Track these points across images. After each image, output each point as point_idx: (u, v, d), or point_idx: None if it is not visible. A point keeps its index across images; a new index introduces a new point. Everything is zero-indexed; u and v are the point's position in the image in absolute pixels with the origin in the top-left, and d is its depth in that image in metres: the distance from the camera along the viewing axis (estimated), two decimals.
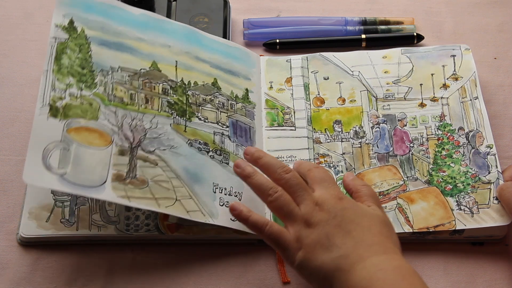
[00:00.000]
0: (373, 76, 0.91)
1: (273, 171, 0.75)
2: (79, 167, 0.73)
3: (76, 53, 0.79)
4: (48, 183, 0.71)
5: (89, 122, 0.76)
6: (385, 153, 0.85)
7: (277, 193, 0.73)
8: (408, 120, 0.87)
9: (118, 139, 0.77)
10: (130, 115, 0.79)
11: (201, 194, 0.79)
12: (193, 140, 0.82)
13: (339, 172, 0.84)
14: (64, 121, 0.75)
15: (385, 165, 0.84)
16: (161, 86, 0.84)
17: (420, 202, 0.81)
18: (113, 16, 0.84)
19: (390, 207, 0.81)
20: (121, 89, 0.81)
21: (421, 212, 0.80)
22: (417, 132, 0.86)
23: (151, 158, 0.78)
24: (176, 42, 0.88)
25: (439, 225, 0.79)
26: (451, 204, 0.80)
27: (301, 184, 0.74)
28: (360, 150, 0.86)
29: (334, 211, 0.70)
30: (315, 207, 0.71)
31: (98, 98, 0.78)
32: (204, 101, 0.86)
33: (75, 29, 0.81)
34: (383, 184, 0.82)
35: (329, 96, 0.90)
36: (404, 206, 0.81)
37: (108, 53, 0.82)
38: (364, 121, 0.88)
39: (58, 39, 0.79)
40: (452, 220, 0.79)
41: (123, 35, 0.84)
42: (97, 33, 0.82)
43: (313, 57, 0.93)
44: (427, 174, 0.83)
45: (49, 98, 0.75)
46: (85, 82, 0.79)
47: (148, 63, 0.84)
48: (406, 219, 0.79)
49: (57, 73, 0.77)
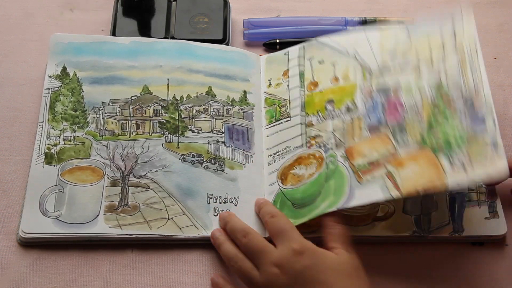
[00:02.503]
0: (369, 52, 0.87)
1: (234, 236, 0.76)
2: (73, 206, 0.79)
3: (69, 98, 0.85)
4: (45, 228, 0.77)
5: (82, 161, 0.82)
6: (377, 123, 0.82)
7: (236, 263, 0.73)
8: (403, 88, 0.83)
9: (109, 171, 0.81)
10: (121, 145, 0.83)
11: (195, 208, 0.80)
12: (186, 155, 0.83)
13: (329, 149, 0.82)
14: (58, 166, 0.81)
15: (376, 135, 0.81)
16: (152, 108, 0.86)
17: (410, 165, 0.77)
18: (104, 52, 0.89)
19: (377, 176, 0.77)
20: (112, 121, 0.84)
21: (410, 175, 0.76)
22: (413, 100, 0.82)
23: (143, 183, 0.81)
24: (168, 60, 0.90)
25: (430, 186, 0.74)
26: (443, 163, 0.76)
27: (258, 246, 0.73)
28: (351, 124, 0.83)
29: (295, 273, 0.70)
30: (274, 271, 0.70)
31: (91, 136, 0.83)
32: (198, 112, 0.87)
33: (68, 75, 0.87)
34: (372, 153, 0.80)
35: (323, 78, 0.88)
36: (393, 171, 0.77)
37: (100, 89, 0.86)
38: (357, 96, 0.85)
39: (52, 89, 0.85)
40: (444, 180, 0.74)
41: (114, 68, 0.88)
42: (89, 73, 0.87)
43: (310, 45, 0.92)
44: (420, 138, 0.79)
45: (44, 147, 0.81)
46: (78, 124, 0.84)
47: (139, 89, 0.87)
48: (395, 185, 0.76)
49: (51, 121, 0.84)
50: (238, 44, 0.98)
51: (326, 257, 0.71)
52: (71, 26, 0.98)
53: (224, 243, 0.76)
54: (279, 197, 0.81)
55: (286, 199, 0.81)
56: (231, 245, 0.76)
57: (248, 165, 0.84)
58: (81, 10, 1.00)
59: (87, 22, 0.98)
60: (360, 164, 0.79)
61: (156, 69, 0.89)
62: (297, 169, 0.83)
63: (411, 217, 0.82)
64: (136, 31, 0.96)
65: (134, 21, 0.97)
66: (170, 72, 0.89)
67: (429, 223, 0.81)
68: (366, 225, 0.81)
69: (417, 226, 0.81)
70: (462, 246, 0.81)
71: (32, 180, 0.80)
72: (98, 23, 0.98)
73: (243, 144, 0.86)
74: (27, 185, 0.81)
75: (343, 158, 0.80)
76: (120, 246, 0.79)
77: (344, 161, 0.80)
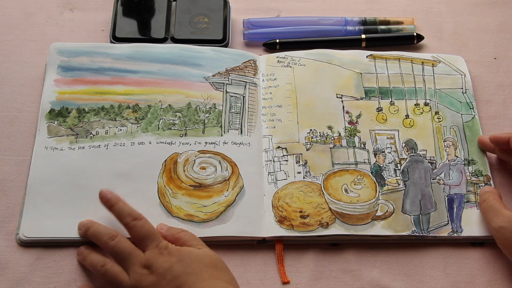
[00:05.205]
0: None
1: (99, 241, 0.75)
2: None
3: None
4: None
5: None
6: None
7: (103, 267, 0.73)
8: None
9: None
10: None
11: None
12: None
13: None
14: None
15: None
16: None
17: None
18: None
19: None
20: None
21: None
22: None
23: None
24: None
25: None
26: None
27: (126, 249, 0.73)
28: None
29: (163, 270, 0.70)
30: (143, 272, 0.71)
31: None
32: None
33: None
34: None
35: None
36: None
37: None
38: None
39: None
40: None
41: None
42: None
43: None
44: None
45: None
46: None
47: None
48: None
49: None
50: (238, 44, 0.98)
51: (191, 252, 0.72)
52: (71, 26, 0.98)
53: (89, 254, 0.76)
54: None
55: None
56: (97, 254, 0.76)
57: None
58: (81, 10, 1.00)
59: (87, 22, 0.98)
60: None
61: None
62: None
63: (410, 217, 0.82)
64: (136, 31, 0.96)
65: (134, 21, 0.97)
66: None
67: (428, 223, 0.81)
68: (365, 224, 0.81)
69: (416, 226, 0.81)
70: (462, 246, 0.81)
71: (32, 180, 0.81)
72: (98, 23, 0.98)
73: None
74: (27, 185, 0.81)
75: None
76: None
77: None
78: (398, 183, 0.85)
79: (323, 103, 0.90)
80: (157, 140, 0.85)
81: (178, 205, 0.80)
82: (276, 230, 0.80)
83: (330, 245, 0.81)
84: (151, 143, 0.85)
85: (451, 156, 0.87)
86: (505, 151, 0.84)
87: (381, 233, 0.80)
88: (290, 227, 0.80)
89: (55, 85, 0.88)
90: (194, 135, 0.86)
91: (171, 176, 0.82)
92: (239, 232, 0.79)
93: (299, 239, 0.80)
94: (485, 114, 0.92)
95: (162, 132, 0.86)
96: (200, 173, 0.83)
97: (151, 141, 0.85)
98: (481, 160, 0.87)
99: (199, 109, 0.88)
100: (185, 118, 0.87)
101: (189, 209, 0.80)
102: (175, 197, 0.81)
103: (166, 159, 0.84)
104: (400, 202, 0.83)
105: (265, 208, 0.82)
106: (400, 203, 0.83)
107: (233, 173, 0.83)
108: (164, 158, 0.84)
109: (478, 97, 0.93)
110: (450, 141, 0.88)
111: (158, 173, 0.83)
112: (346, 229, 0.80)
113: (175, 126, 0.86)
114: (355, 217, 0.81)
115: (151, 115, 0.87)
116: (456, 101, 0.92)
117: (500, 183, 0.86)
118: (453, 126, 0.89)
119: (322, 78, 0.92)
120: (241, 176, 0.83)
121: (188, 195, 0.81)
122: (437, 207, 0.83)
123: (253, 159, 0.85)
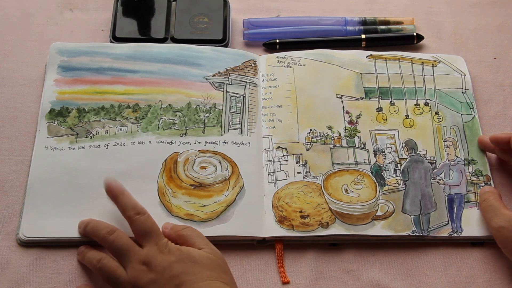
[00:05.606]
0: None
1: (97, 235, 0.75)
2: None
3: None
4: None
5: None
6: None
7: (100, 261, 0.73)
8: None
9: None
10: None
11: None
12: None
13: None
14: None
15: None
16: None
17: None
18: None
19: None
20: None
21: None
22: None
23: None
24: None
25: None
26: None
27: (124, 245, 0.73)
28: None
29: (162, 269, 0.70)
30: (142, 268, 0.71)
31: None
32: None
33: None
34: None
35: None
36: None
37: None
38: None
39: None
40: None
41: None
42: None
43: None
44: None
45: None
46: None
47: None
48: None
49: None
50: (238, 44, 0.98)
51: (191, 252, 0.72)
52: (71, 26, 0.98)
53: (88, 252, 0.76)
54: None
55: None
56: (95, 250, 0.75)
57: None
58: (81, 10, 1.00)
59: (87, 22, 0.98)
60: None
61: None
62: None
63: (410, 217, 0.82)
64: (136, 31, 0.96)
65: (134, 21, 0.97)
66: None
67: (428, 223, 0.81)
68: (365, 224, 0.81)
69: (416, 226, 0.81)
70: (462, 246, 0.81)
71: (32, 179, 0.81)
72: (98, 23, 0.98)
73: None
74: (27, 185, 0.81)
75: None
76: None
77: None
78: (398, 183, 0.85)
79: (323, 103, 0.90)
80: (157, 140, 0.85)
81: (178, 204, 0.80)
82: (276, 230, 0.80)
83: (330, 245, 0.81)
84: (151, 142, 0.85)
85: (451, 156, 0.87)
86: (505, 151, 0.84)
87: (381, 233, 0.80)
88: (290, 227, 0.80)
89: (55, 85, 0.88)
90: (194, 135, 0.86)
91: (171, 176, 0.82)
92: (239, 231, 0.79)
93: (299, 239, 0.80)
94: (485, 114, 0.92)
95: (162, 131, 0.86)
96: (200, 173, 0.83)
97: (151, 140, 0.85)
98: (481, 160, 0.87)
99: (199, 108, 0.88)
100: (185, 118, 0.87)
101: (189, 208, 0.80)
102: (175, 197, 0.81)
103: (166, 159, 0.84)
104: (400, 202, 0.83)
105: (265, 208, 0.82)
106: (400, 203, 0.83)
107: (233, 172, 0.83)
108: (164, 157, 0.84)
109: (478, 97, 0.93)
110: (450, 141, 0.88)
111: (158, 173, 0.83)
112: (346, 229, 0.80)
113: (175, 125, 0.86)
114: (355, 217, 0.81)
115: (151, 114, 0.87)
116: (456, 101, 0.92)
117: (500, 183, 0.86)
118: (453, 126, 0.90)
119: (322, 78, 0.92)
120: (241, 176, 0.83)
121: (188, 194, 0.81)
122: (437, 207, 0.83)
123: (253, 159, 0.85)
